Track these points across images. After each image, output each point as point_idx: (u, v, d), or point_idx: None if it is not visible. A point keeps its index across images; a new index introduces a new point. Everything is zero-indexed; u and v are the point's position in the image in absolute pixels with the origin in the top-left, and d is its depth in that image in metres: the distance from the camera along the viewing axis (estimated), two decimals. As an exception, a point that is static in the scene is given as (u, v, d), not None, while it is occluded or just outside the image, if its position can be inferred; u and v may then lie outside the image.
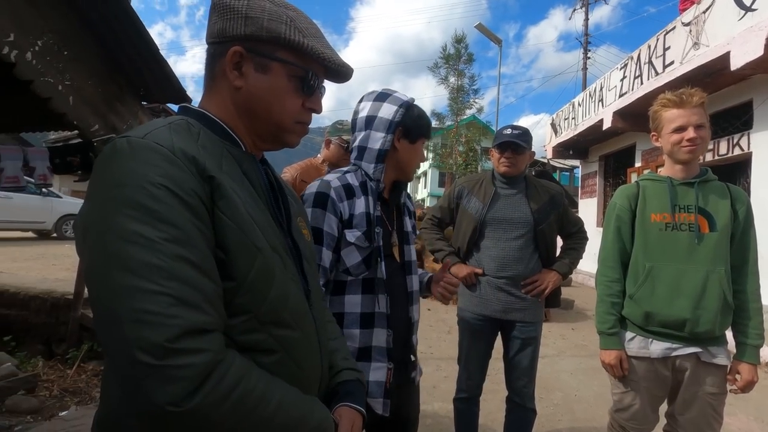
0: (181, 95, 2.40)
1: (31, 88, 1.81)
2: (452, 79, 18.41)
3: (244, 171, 0.71)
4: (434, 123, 21.46)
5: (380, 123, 1.23)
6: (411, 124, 1.26)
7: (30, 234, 10.60)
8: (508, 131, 1.90)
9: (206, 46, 0.75)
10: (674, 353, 1.54)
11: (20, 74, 1.75)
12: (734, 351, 1.58)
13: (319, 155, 2.33)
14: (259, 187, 0.73)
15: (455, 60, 18.22)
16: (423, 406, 2.94)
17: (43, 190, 9.12)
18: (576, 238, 2.03)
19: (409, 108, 1.25)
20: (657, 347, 1.55)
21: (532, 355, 1.93)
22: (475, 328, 1.98)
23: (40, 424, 2.32)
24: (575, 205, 11.56)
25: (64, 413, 2.43)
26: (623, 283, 1.62)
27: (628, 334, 1.60)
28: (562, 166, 17.03)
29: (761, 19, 4.30)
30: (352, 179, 1.23)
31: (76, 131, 2.42)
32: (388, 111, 1.23)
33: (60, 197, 10.42)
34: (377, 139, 1.24)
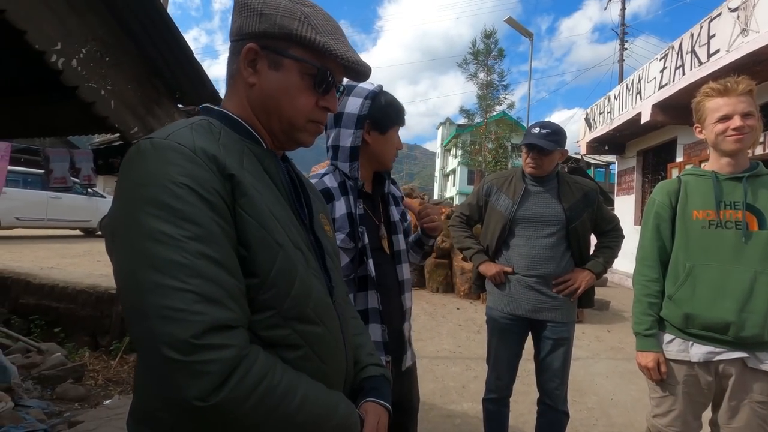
0: (214, 97, 2.47)
1: (76, 94, 1.91)
2: (481, 75, 18.12)
3: (265, 168, 0.71)
4: (462, 120, 21.24)
5: (348, 119, 1.22)
6: (379, 115, 1.23)
7: (77, 232, 11.23)
8: (537, 130, 1.84)
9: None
10: (717, 357, 1.45)
11: (67, 81, 1.85)
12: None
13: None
14: (281, 184, 0.74)
15: (484, 55, 17.91)
16: (452, 405, 2.97)
17: (89, 190, 9.63)
18: (611, 236, 1.95)
19: (375, 98, 1.23)
20: (698, 351, 1.47)
21: (565, 357, 1.87)
22: (504, 327, 1.94)
23: (86, 411, 2.46)
24: (611, 203, 11.15)
25: (108, 402, 2.56)
26: (662, 283, 1.55)
27: (667, 336, 1.53)
28: (596, 162, 16.44)
29: (819, 1, 3.99)
30: (330, 181, 1.23)
31: (117, 134, 2.54)
32: (353, 105, 1.21)
33: (104, 197, 10.98)
34: (347, 136, 1.22)
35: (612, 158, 11.63)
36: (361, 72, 0.78)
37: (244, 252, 0.61)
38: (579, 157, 14.18)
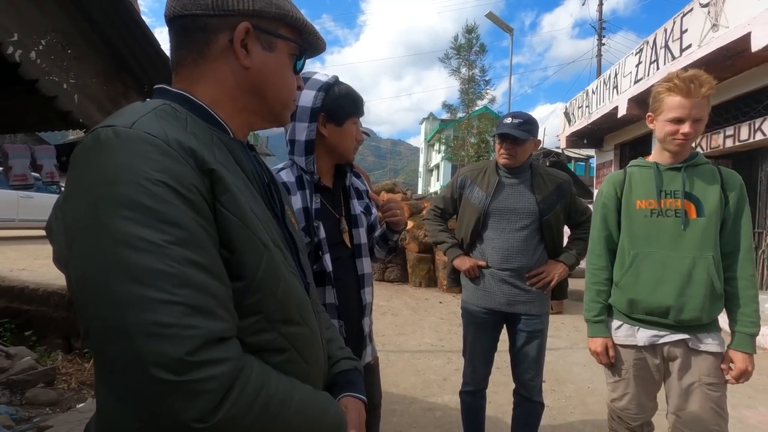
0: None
1: (36, 87, 1.84)
2: (463, 70, 18.18)
3: (236, 160, 0.66)
4: (446, 115, 21.31)
5: (302, 112, 1.20)
6: (334, 107, 1.21)
7: (51, 232, 10.86)
8: (509, 120, 1.84)
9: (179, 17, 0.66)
10: (661, 340, 1.52)
11: (25, 73, 1.78)
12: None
13: None
14: (253, 176, 0.68)
15: (466, 51, 17.97)
16: (433, 398, 2.98)
17: (62, 189, 9.33)
18: (584, 227, 1.97)
19: (329, 90, 1.21)
20: (643, 335, 1.54)
21: (539, 348, 1.90)
22: (479, 321, 1.95)
23: (57, 415, 2.39)
24: (590, 196, 11.35)
25: (81, 405, 2.49)
26: (610, 270, 1.62)
27: (615, 322, 1.61)
28: (577, 156, 16.72)
29: (784, -3, 4.11)
30: (287, 176, 1.21)
31: (84, 129, 2.46)
32: (307, 98, 1.20)
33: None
34: (302, 130, 1.20)
35: (591, 152, 11.83)
36: (322, 48, 0.79)
37: (227, 254, 0.56)
38: (559, 151, 14.39)
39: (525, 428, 1.99)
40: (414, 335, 4.40)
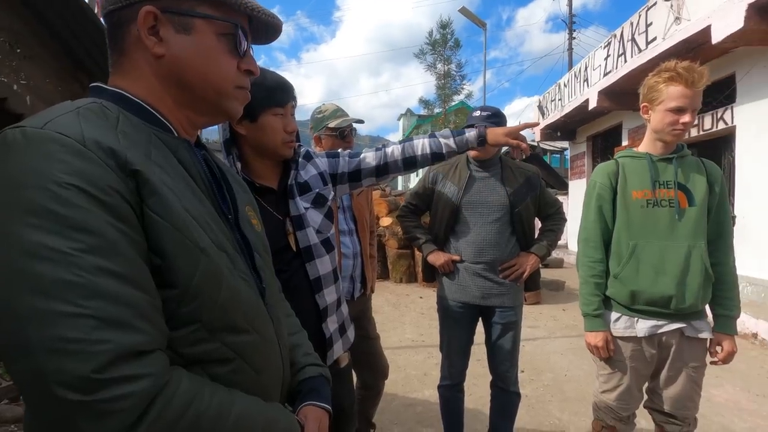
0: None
1: (-17, 90, 1.74)
2: (439, 66, 18.25)
3: (179, 159, 0.62)
4: (423, 111, 21.37)
5: None
6: None
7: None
8: (478, 113, 1.86)
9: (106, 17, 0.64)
10: (660, 330, 1.53)
11: (-30, 75, 1.68)
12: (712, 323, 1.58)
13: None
14: (199, 176, 0.64)
15: (441, 46, 18.04)
16: (414, 394, 2.99)
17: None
18: (554, 219, 2.00)
19: None
20: (643, 326, 1.53)
21: (514, 340, 1.92)
22: (455, 315, 1.96)
23: (23, 432, 2.29)
24: (566, 187, 11.58)
25: (48, 420, 2.40)
26: (606, 263, 1.60)
27: (614, 315, 1.59)
28: (552, 148, 17.01)
29: (741, -10, 4.26)
30: None
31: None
32: None
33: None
34: (220, 131, 1.13)
35: (565, 144, 12.07)
36: (273, 27, 0.70)
37: (158, 260, 0.53)
38: (535, 143, 14.62)
39: (503, 419, 2.01)
40: (395, 331, 4.41)
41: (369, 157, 1.32)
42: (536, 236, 2.00)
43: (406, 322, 4.73)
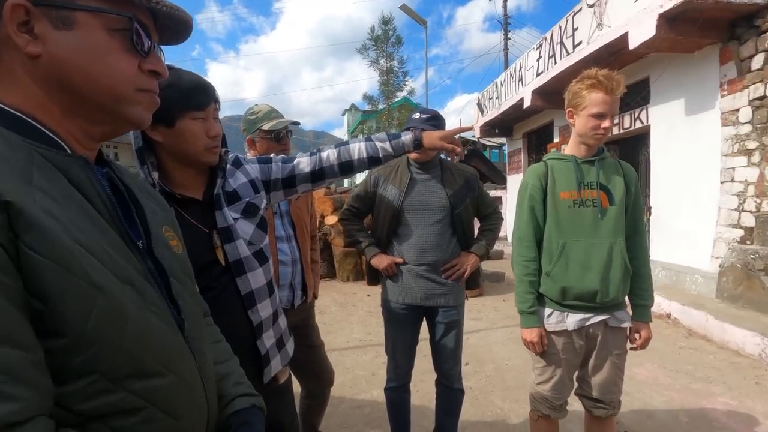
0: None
1: None
2: (382, 62, 18.31)
3: (71, 180, 0.54)
4: (367, 107, 21.37)
5: None
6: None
7: None
8: (417, 116, 1.87)
9: None
10: (587, 323, 1.63)
11: None
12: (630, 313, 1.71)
13: (247, 155, 1.86)
14: (99, 199, 0.56)
15: (384, 42, 18.10)
16: (362, 395, 2.98)
17: None
18: (492, 218, 2.07)
19: None
20: (572, 319, 1.63)
21: (456, 338, 1.96)
22: (399, 317, 1.97)
23: None
24: (505, 181, 12.13)
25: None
26: (539, 261, 1.68)
27: (547, 311, 1.67)
28: (491, 144, 17.73)
29: (653, 1, 4.66)
30: None
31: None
32: None
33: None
34: (132, 140, 1.05)
35: (504, 140, 12.62)
36: (180, 23, 0.63)
37: (39, 305, 0.45)
38: (476, 139, 15.15)
39: (448, 416, 2.06)
40: (342, 332, 4.37)
41: (303, 162, 1.26)
42: (476, 236, 2.05)
43: (353, 322, 4.71)
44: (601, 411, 1.70)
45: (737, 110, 4.70)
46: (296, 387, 2.02)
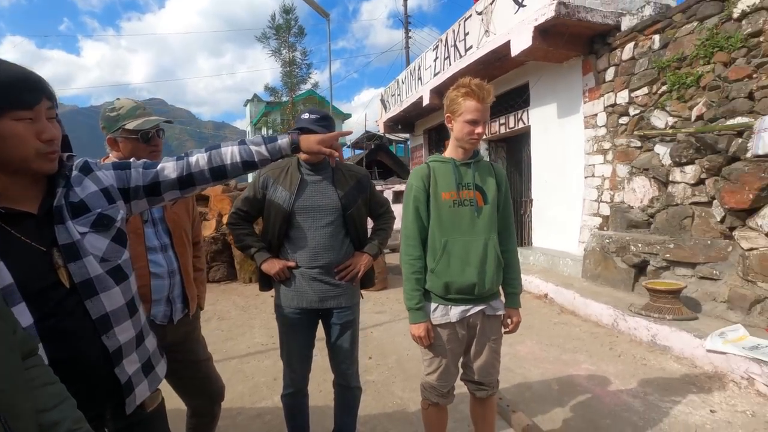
0: None
1: None
2: (284, 52, 17.66)
3: None
4: (270, 98, 20.50)
5: None
6: None
7: None
8: (307, 116, 1.83)
9: None
10: (468, 313, 1.76)
11: None
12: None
13: (109, 156, 1.59)
14: None
15: (286, 32, 17.44)
16: (262, 403, 2.86)
17: None
18: (384, 218, 2.11)
19: None
20: (455, 311, 1.74)
21: (352, 338, 1.98)
22: (293, 322, 1.92)
23: None
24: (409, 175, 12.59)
25: None
26: (424, 259, 1.76)
27: (432, 305, 1.77)
28: (397, 138, 18.26)
29: (530, 13, 5.16)
30: None
31: None
32: None
33: None
34: None
35: (407, 135, 13.07)
36: None
37: None
38: (381, 134, 15.47)
39: (346, 415, 2.08)
40: (243, 337, 4.17)
41: (169, 167, 1.14)
42: (369, 235, 2.08)
43: (255, 326, 4.51)
44: (483, 392, 1.86)
45: (595, 115, 5.47)
46: (182, 405, 1.88)
